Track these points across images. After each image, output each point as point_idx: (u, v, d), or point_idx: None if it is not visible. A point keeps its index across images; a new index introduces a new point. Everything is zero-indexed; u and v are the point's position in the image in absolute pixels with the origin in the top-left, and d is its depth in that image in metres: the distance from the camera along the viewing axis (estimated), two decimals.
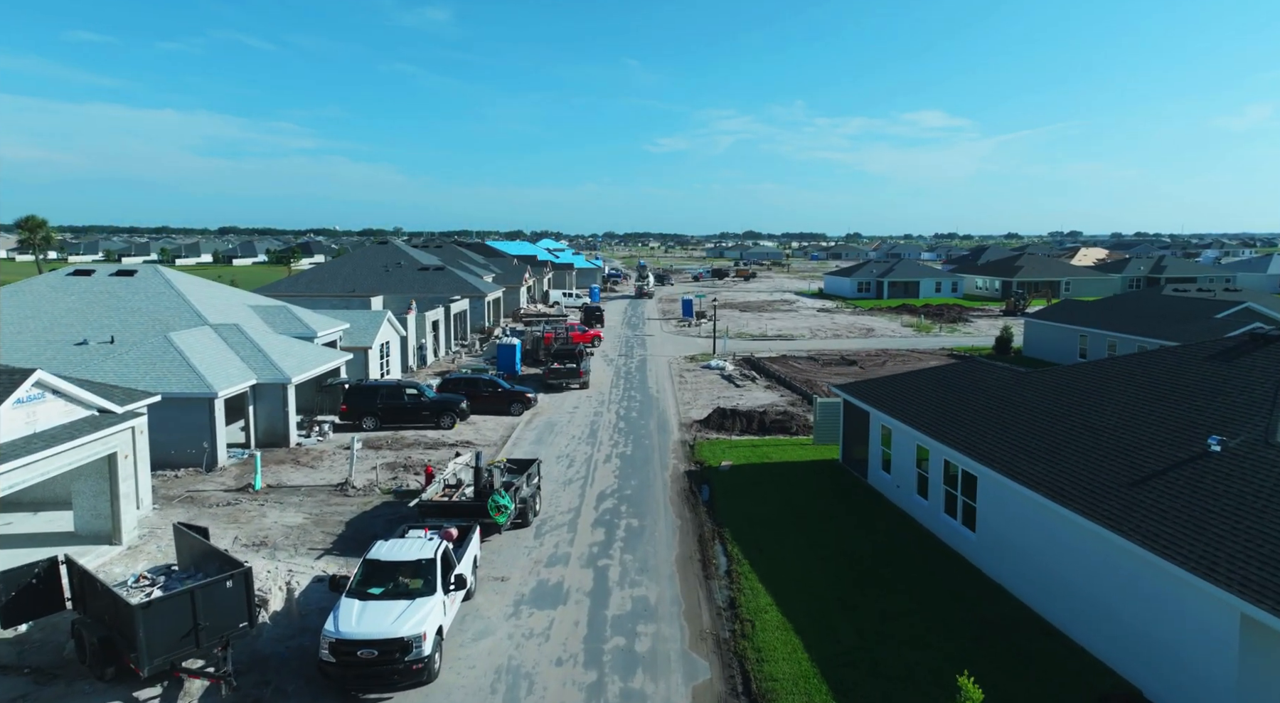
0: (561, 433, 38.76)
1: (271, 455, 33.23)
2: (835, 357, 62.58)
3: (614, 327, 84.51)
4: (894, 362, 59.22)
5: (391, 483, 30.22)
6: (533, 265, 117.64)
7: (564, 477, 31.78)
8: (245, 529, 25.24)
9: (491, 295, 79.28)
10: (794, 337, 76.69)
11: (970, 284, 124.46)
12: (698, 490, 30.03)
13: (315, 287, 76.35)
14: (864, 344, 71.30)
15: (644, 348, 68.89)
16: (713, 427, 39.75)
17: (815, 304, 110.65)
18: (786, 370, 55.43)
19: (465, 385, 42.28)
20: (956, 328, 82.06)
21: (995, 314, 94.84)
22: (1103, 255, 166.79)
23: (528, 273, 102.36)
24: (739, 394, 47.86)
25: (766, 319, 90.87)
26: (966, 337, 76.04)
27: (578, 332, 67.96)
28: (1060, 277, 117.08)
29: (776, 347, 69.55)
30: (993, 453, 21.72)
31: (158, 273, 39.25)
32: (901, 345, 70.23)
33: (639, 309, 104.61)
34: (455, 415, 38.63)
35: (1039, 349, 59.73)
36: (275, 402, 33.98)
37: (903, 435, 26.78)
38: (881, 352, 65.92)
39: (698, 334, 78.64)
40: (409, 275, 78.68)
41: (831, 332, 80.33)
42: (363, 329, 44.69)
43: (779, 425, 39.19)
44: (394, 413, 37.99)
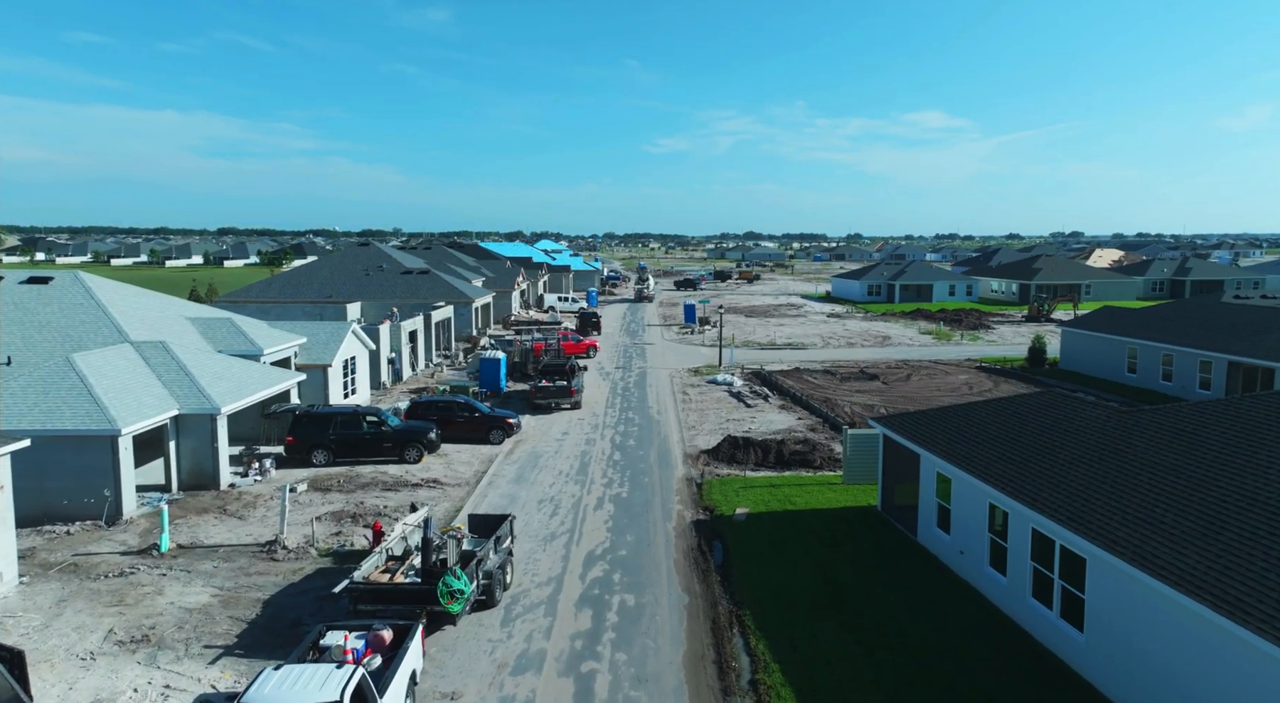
0: (547, 467, 33.19)
1: (194, 502, 27.68)
2: (853, 369, 57.01)
3: (612, 334, 78.97)
4: (919, 376, 53.67)
5: (333, 540, 24.68)
6: (527, 268, 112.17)
7: (545, 529, 26.21)
8: (129, 615, 19.67)
9: (480, 301, 73.75)
10: (805, 345, 71.12)
11: (985, 287, 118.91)
12: (708, 549, 24.48)
13: (289, 291, 70.85)
14: (881, 354, 65.75)
15: (644, 359, 63.33)
16: (723, 459, 34.20)
17: (824, 309, 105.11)
18: (801, 386, 49.87)
19: (437, 410, 36.73)
20: (978, 336, 76.52)
21: (1017, 320, 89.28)
22: (1118, 257, 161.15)
23: (521, 276, 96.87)
24: (750, 416, 42.30)
25: (774, 325, 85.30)
26: (991, 346, 70.49)
27: (571, 341, 62.40)
28: (1080, 279, 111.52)
29: (787, 357, 63.97)
30: (1110, 529, 16.17)
31: (77, 280, 33.72)
32: (922, 355, 64.69)
33: (639, 314, 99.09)
34: (422, 447, 33.05)
35: (1079, 362, 54.16)
36: (202, 436, 28.44)
37: (967, 488, 21.23)
38: (902, 363, 60.39)
39: (701, 342, 73.10)
40: (391, 280, 73.20)
41: (844, 339, 74.79)
42: (322, 344, 39.15)
43: (800, 458, 33.63)
44: (349, 445, 32.41)
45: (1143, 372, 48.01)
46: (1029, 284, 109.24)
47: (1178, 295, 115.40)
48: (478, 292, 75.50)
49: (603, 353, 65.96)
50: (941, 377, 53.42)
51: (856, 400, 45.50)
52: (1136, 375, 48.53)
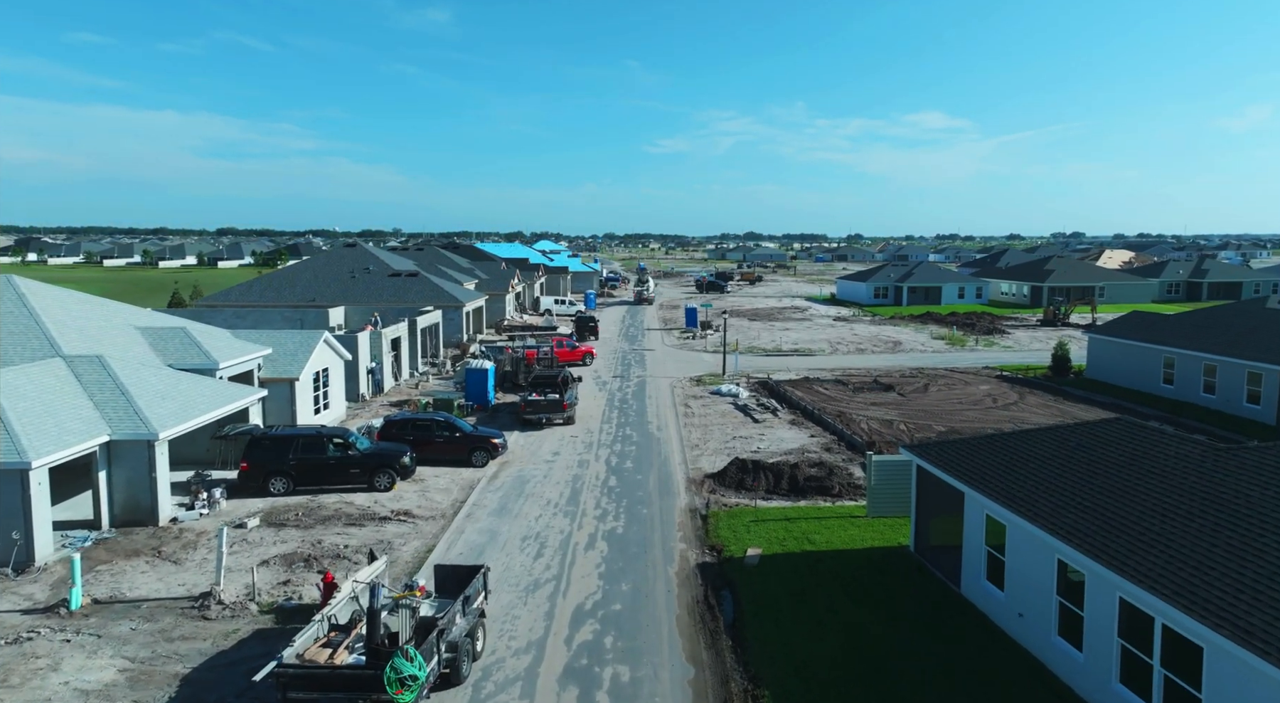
0: (534, 495, 29.66)
1: (126, 542, 24.16)
2: (866, 379, 53.51)
3: (610, 338, 75.47)
4: (937, 386, 50.15)
5: (280, 591, 21.17)
6: (523, 270, 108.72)
7: (528, 576, 22.70)
8: (12, 700, 16.16)
9: (471, 305, 70.26)
10: (812, 351, 67.61)
11: (994, 290, 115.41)
12: (716, 602, 20.98)
13: (270, 295, 67.40)
14: (893, 361, 62.24)
15: (643, 367, 59.81)
16: (730, 484, 30.68)
17: (830, 312, 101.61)
18: (812, 398, 46.35)
19: (414, 429, 33.18)
20: (994, 341, 73.01)
21: (1032, 324, 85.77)
22: (1128, 258, 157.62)
23: (516, 278, 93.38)
24: (758, 433, 38.78)
25: (779, 330, 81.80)
26: (1008, 352, 66.97)
27: (566, 348, 58.88)
28: (1094, 281, 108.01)
29: (794, 365, 60.45)
30: (1237, 612, 12.66)
31: (9, 285, 30.22)
32: (936, 362, 61.19)
33: (638, 317, 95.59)
34: (394, 473, 29.52)
35: (1107, 371, 50.63)
36: (138, 465, 24.94)
37: (1028, 540, 17.75)
38: (916, 371, 56.88)
39: (703, 348, 69.59)
40: (378, 283, 69.72)
41: (854, 345, 71.28)
42: (290, 355, 35.63)
43: (816, 484, 30.10)
44: (312, 472, 28.86)
45: (1181, 383, 44.48)
46: (1041, 287, 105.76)
47: (1194, 298, 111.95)
48: (469, 295, 72.03)
49: (600, 360, 62.46)
50: (961, 387, 49.90)
51: (872, 415, 41.98)
52: (1174, 387, 45.00)
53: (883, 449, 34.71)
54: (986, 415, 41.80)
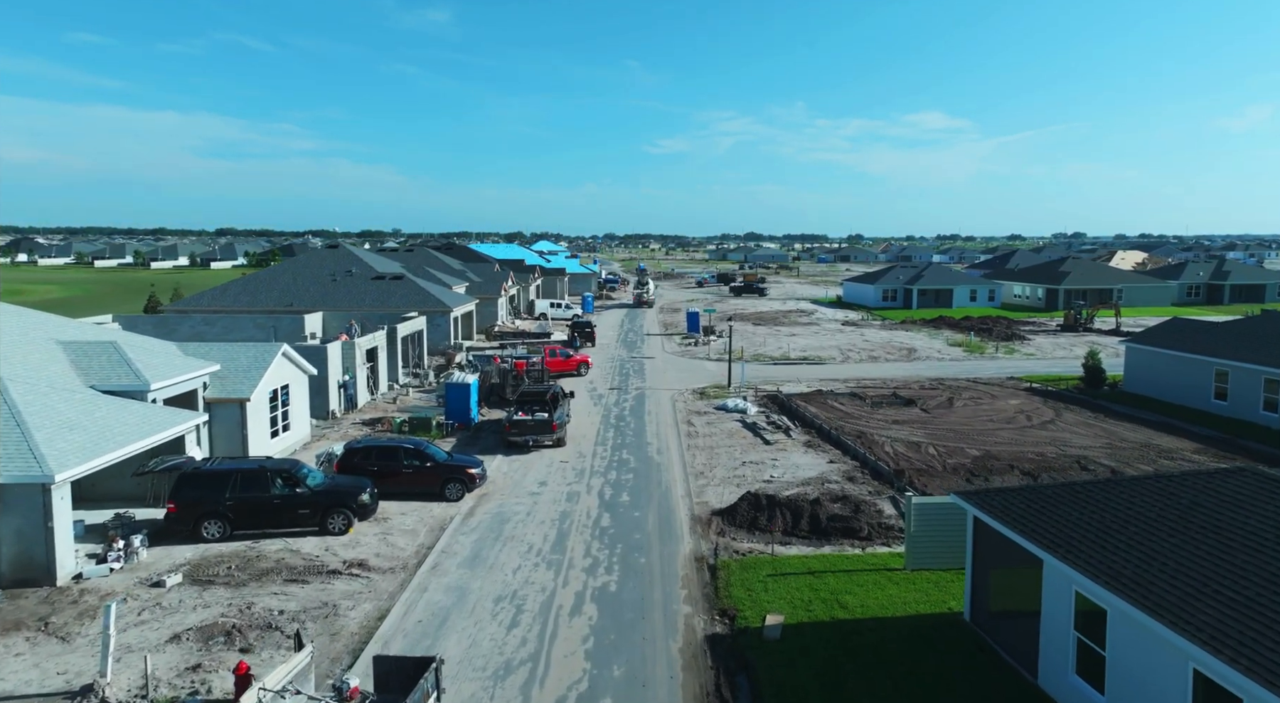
0: (513, 539, 25.45)
1: (10, 609, 19.93)
2: (884, 391, 49.33)
3: (607, 345, 71.27)
4: (963, 400, 45.93)
5: (187, 679, 16.98)
6: (518, 271, 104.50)
7: (499, 654, 18.48)
8: None
9: (459, 309, 66.07)
10: (823, 359, 63.40)
11: (1007, 292, 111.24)
12: (731, 696, 16.79)
13: (245, 299, 63.20)
14: (910, 370, 58.04)
15: (642, 377, 55.61)
16: (741, 524, 26.47)
17: (838, 316, 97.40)
18: (827, 415, 42.16)
19: (378, 458, 28.96)
20: (1014, 348, 68.80)
21: (1052, 329, 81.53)
22: (1141, 259, 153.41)
23: (509, 281, 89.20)
24: (770, 458, 34.57)
25: (786, 336, 77.58)
26: (1030, 360, 62.78)
27: (559, 357, 54.68)
28: (1111, 284, 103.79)
29: (804, 374, 56.24)
30: None
31: None
32: (956, 372, 56.99)
33: (637, 322, 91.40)
34: (351, 513, 25.30)
35: (1148, 383, 46.43)
36: (30, 512, 20.73)
37: (1142, 635, 13.55)
38: (937, 383, 52.68)
39: (706, 356, 65.40)
40: (360, 286, 65.54)
41: (865, 351, 67.08)
42: (242, 371, 31.41)
43: (841, 525, 25.90)
44: (253, 513, 24.63)
45: (1236, 400, 40.27)
46: (1056, 289, 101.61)
47: (1215, 301, 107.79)
48: (458, 299, 67.86)
49: (596, 369, 58.28)
50: (988, 401, 45.69)
51: (896, 435, 37.75)
52: (1228, 404, 40.79)
53: (913, 479, 30.54)
54: (1023, 436, 37.57)
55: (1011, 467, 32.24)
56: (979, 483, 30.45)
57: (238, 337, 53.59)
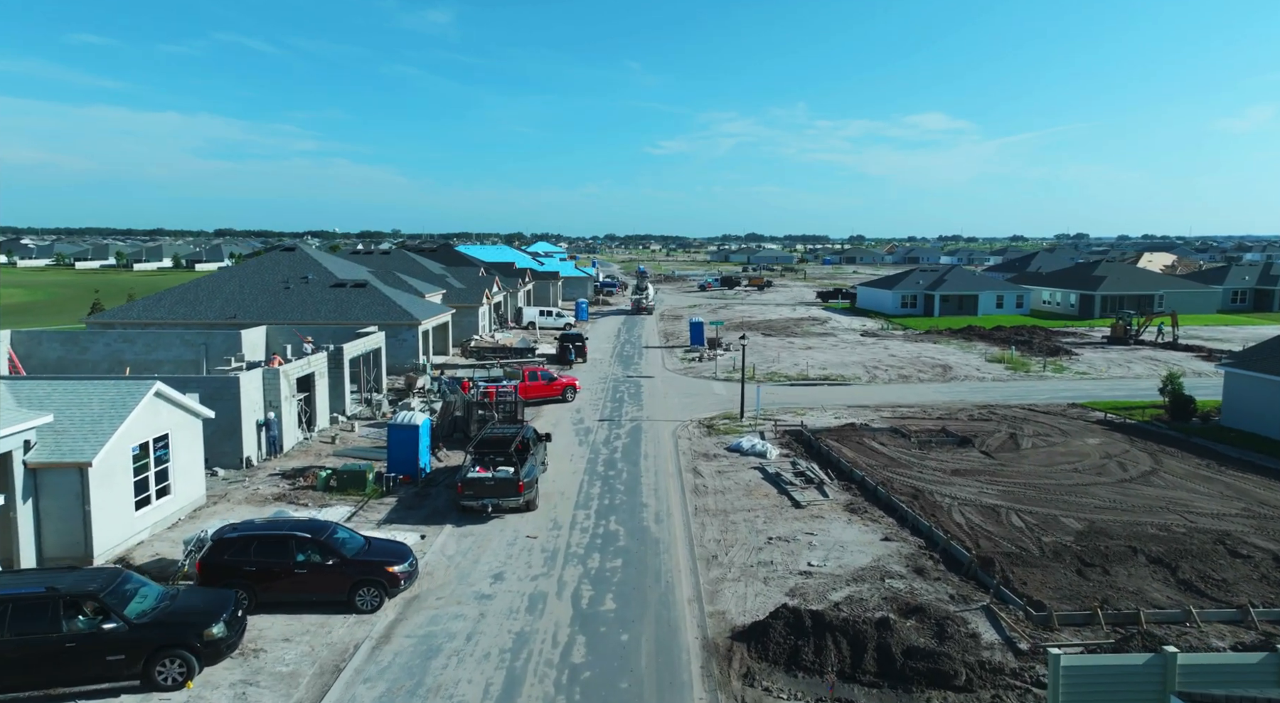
0: (440, 691, 17.12)
1: None
2: (927, 422, 41.09)
3: (600, 359, 62.97)
4: (1027, 437, 37.59)
5: None
6: (506, 275, 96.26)
7: None
8: None
9: (431, 321, 57.75)
10: (847, 379, 55.09)
11: (1036, 298, 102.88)
12: None
13: (180, 311, 54.91)
14: (949, 393, 49.73)
15: (638, 403, 47.29)
16: (777, 658, 18.15)
17: (854, 323, 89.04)
18: (868, 460, 33.84)
19: (261, 552, 20.54)
20: (1061, 365, 60.44)
21: (1097, 340, 73.13)
22: (1170, 261, 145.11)
23: (495, 286, 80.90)
24: (805, 531, 26.25)
25: (801, 349, 69.23)
26: (1085, 380, 54.45)
27: (541, 380, 46.34)
28: (1151, 289, 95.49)
29: (828, 399, 47.92)
30: None
31: None
32: (1004, 396, 48.70)
33: (635, 331, 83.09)
34: (192, 656, 16.89)
35: (1257, 418, 38.10)
36: None
37: None
38: (987, 412, 44.42)
39: (713, 374, 57.08)
40: (316, 295, 57.26)
41: (894, 369, 58.75)
42: (88, 423, 23.03)
43: (925, 664, 17.55)
44: (24, 663, 16.23)
45: None
46: (1092, 296, 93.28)
47: (1264, 307, 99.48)
48: (430, 309, 59.55)
49: (586, 392, 49.95)
50: (1060, 440, 37.34)
51: (962, 494, 29.38)
52: None
53: (1006, 571, 22.15)
54: (1127, 496, 29.20)
55: (1134, 550, 23.86)
56: (1099, 576, 22.10)
57: (161, 356, 45.49)
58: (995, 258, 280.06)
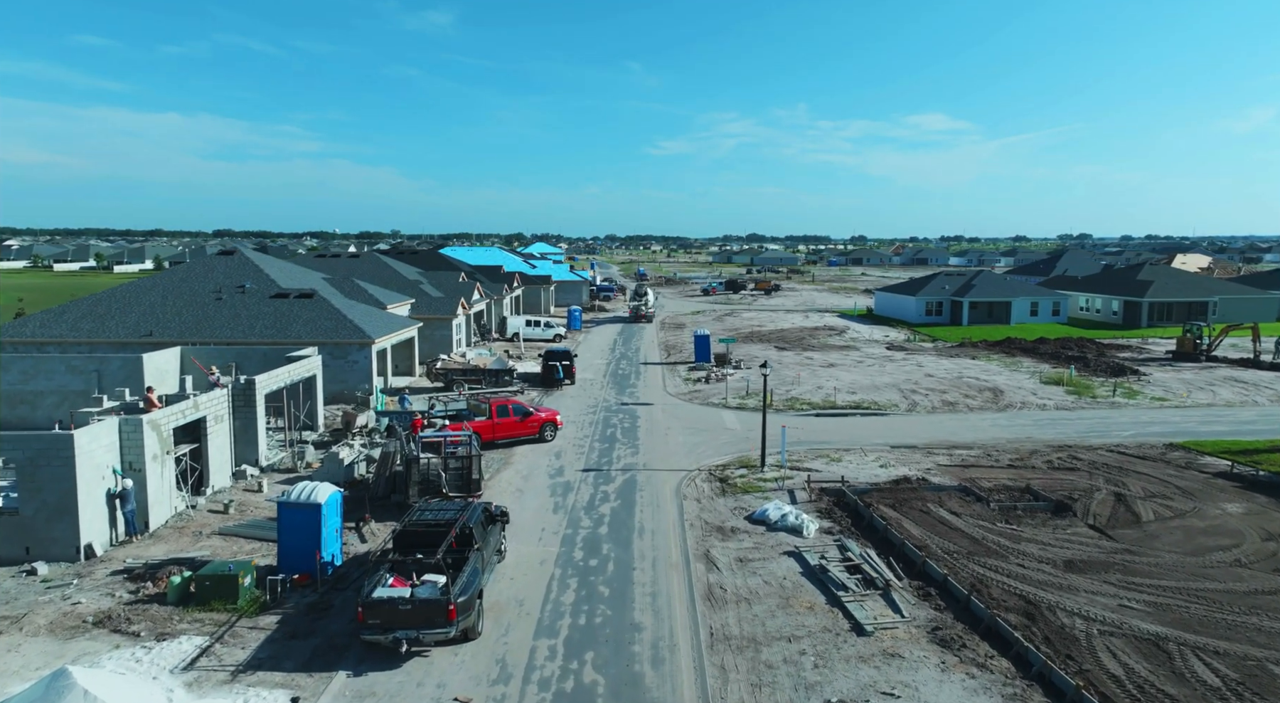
0: None
1: None
2: (997, 469, 32.15)
3: (592, 380, 53.97)
4: (1140, 498, 28.61)
5: None
6: (492, 280, 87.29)
7: None
8: None
9: (389, 339, 48.76)
10: (881, 406, 46.16)
11: (1073, 305, 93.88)
12: None
13: (85, 327, 45.95)
14: (1011, 427, 40.78)
15: (633, 443, 38.31)
16: None
17: (875, 334, 80.00)
18: (944, 542, 24.89)
19: None
20: (1132, 388, 51.42)
21: (1160, 356, 64.05)
22: (1206, 263, 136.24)
23: (476, 293, 71.90)
24: (877, 680, 17.25)
25: (822, 366, 60.22)
26: (1170, 409, 45.46)
27: (514, 417, 37.37)
28: (1205, 296, 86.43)
29: (865, 434, 38.95)
30: None
31: None
32: (1080, 431, 39.82)
33: (633, 343, 74.09)
34: None
35: None
36: None
37: None
38: (1066, 454, 35.58)
39: (723, 400, 48.09)
40: (253, 307, 48.31)
41: (935, 393, 49.75)
42: None
43: None
44: None
45: None
46: (1139, 302, 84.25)
47: None
48: (391, 324, 50.57)
49: (570, 426, 41.01)
50: (1187, 506, 28.35)
51: (1096, 611, 20.34)
52: None
53: None
54: None
55: None
56: None
57: (41, 386, 36.72)
58: (1006, 259, 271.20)
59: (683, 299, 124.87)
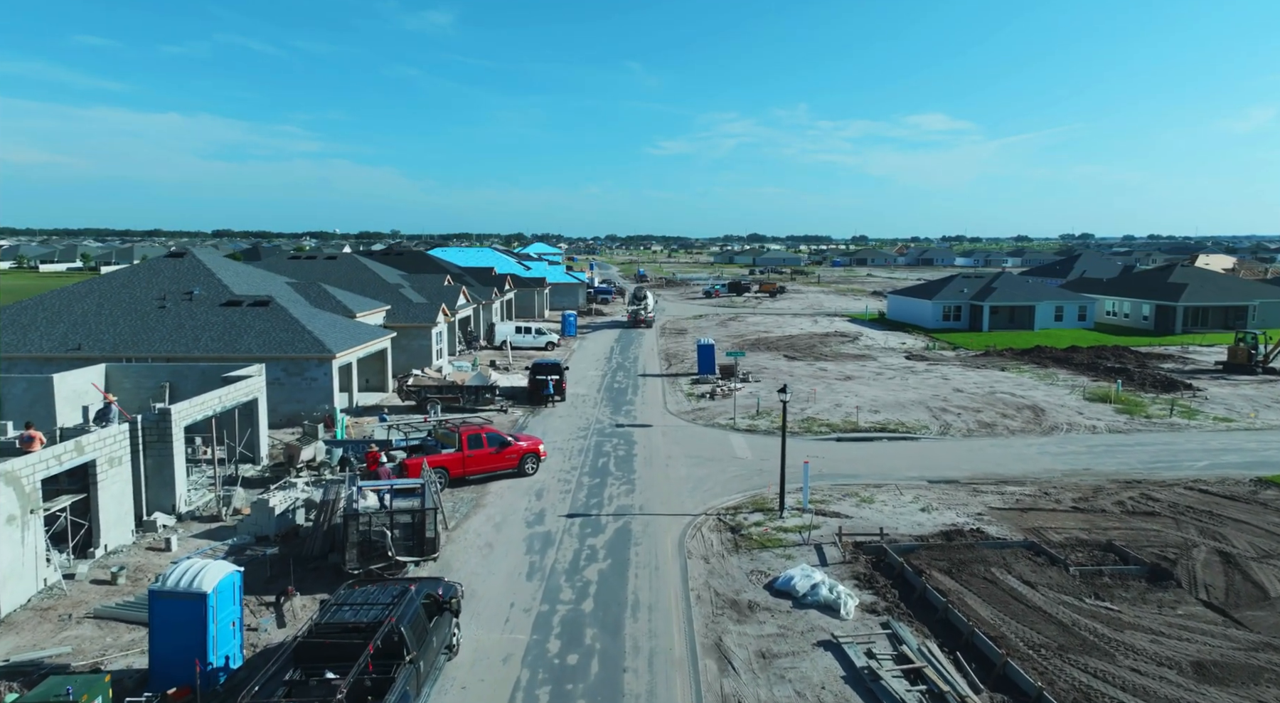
0: None
1: None
2: (1072, 524, 26.57)
3: (584, 395, 48.42)
4: (1258, 561, 23.07)
5: None
6: (482, 283, 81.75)
7: None
8: None
9: (353, 352, 43.20)
10: (910, 428, 40.64)
11: (1099, 309, 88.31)
12: None
13: (5, 339, 40.44)
14: (1064, 455, 35.21)
15: (628, 477, 32.73)
16: None
17: (892, 341, 74.44)
18: (1021, 627, 19.35)
19: None
20: (1190, 406, 45.87)
21: (1208, 366, 58.45)
22: (1231, 264, 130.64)
23: (461, 298, 66.35)
24: None
25: (838, 379, 54.62)
26: (1236, 431, 39.98)
27: (488, 449, 31.79)
28: (1243, 299, 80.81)
29: (897, 464, 33.35)
30: None
31: None
32: (1145, 461, 34.26)
33: (631, 351, 68.55)
34: None
35: None
36: None
37: None
38: (1138, 493, 30.13)
39: (730, 421, 42.55)
40: (201, 316, 42.79)
41: (969, 411, 44.19)
42: None
43: None
44: None
45: None
46: (1173, 307, 78.66)
47: None
48: (358, 335, 45.04)
49: (556, 455, 35.46)
50: None
51: None
52: None
53: None
54: None
55: None
56: None
57: None
58: (1013, 259, 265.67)
59: (684, 302, 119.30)
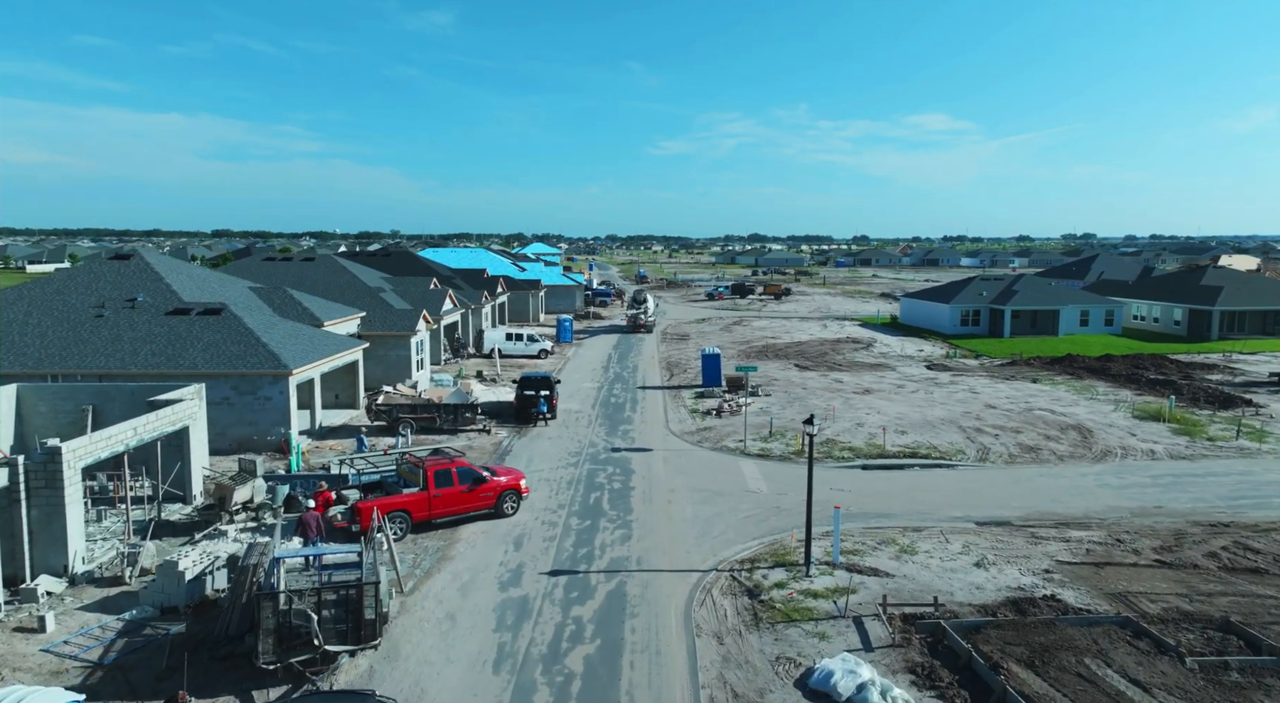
0: None
1: None
2: (1184, 601, 21.75)
3: (577, 412, 43.52)
4: None
5: None
6: (473, 286, 76.88)
7: None
8: None
9: (316, 367, 38.28)
10: (945, 453, 35.80)
11: (1126, 313, 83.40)
12: None
13: None
14: (1126, 488, 30.40)
15: (625, 519, 27.81)
16: None
17: (908, 348, 69.53)
18: None
19: None
20: (1258, 427, 40.98)
21: (1265, 380, 53.44)
22: (1255, 264, 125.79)
23: (448, 302, 61.50)
24: None
25: (856, 394, 49.65)
26: None
27: (460, 486, 26.94)
28: None
29: (934, 501, 28.45)
30: None
31: None
32: (1224, 497, 29.50)
33: (630, 358, 63.67)
34: None
35: None
36: None
37: None
38: (1231, 540, 25.47)
39: (740, 443, 37.65)
40: (143, 326, 37.88)
41: (1007, 432, 39.31)
42: None
43: None
44: None
45: None
46: (1208, 311, 73.74)
47: None
48: (321, 347, 40.13)
49: (543, 489, 30.59)
50: None
51: None
52: None
53: None
54: None
55: None
56: None
57: None
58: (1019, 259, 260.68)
59: (686, 305, 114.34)
